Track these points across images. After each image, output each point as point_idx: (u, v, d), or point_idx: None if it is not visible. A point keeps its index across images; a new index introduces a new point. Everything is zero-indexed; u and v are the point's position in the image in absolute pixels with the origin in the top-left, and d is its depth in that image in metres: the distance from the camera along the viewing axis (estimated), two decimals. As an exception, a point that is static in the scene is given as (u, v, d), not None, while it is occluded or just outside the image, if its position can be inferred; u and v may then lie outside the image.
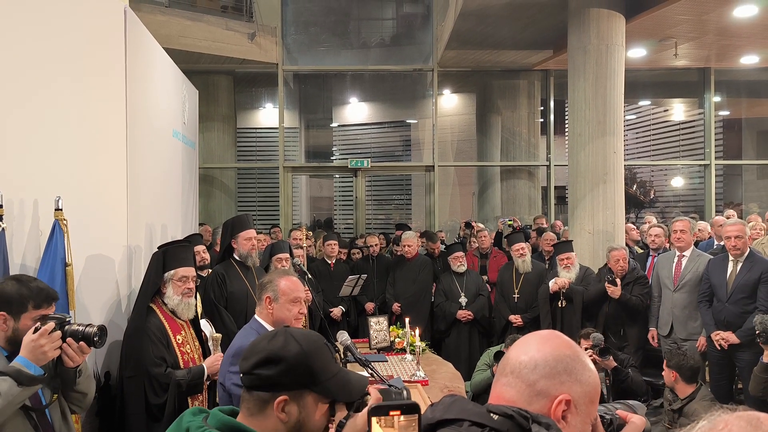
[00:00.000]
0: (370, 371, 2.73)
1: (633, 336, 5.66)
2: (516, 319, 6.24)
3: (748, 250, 5.03)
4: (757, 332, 4.30)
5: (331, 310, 6.48)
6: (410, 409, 1.04)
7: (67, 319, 2.40)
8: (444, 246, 7.81)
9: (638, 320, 5.67)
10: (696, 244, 6.15)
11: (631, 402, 1.52)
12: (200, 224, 7.68)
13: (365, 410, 1.37)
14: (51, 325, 2.30)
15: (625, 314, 5.64)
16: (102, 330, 2.39)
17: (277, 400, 1.41)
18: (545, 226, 8.58)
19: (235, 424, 1.41)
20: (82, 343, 2.36)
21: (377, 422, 1.02)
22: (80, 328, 2.36)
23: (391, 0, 11.97)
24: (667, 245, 6.49)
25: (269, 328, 2.69)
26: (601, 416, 1.39)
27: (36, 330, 2.28)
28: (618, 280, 5.61)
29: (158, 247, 3.67)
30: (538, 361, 1.23)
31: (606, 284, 5.59)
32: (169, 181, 5.11)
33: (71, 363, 2.37)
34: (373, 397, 1.49)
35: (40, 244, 3.25)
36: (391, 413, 1.03)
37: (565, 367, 1.22)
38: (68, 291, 3.24)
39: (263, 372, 1.43)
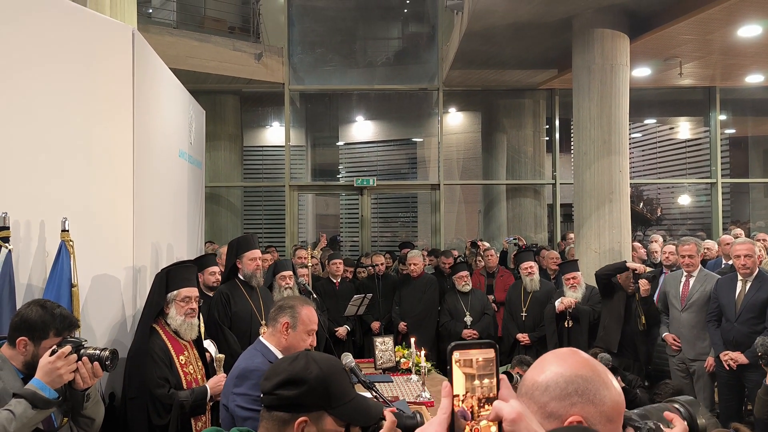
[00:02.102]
0: (375, 393, 2.72)
1: (643, 350, 5.61)
2: (523, 337, 6.21)
3: (758, 269, 4.99)
4: (758, 354, 4.25)
5: (336, 329, 6.46)
6: (488, 345, 1.02)
7: (83, 343, 2.42)
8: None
9: (643, 342, 5.62)
10: (703, 263, 6.11)
11: (682, 398, 1.43)
12: (209, 242, 7.69)
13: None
14: (68, 348, 2.33)
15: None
16: (114, 354, 2.42)
17: (298, 421, 1.45)
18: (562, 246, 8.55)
19: None
20: (96, 363, 2.37)
21: (456, 362, 1.01)
22: (96, 351, 2.39)
23: (396, 20, 12.08)
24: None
25: (276, 352, 2.68)
26: (636, 427, 1.35)
27: (53, 353, 2.30)
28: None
29: (157, 274, 3.66)
30: (549, 382, 1.22)
31: (640, 280, 5.46)
32: (176, 201, 5.13)
33: (82, 384, 2.38)
34: (389, 420, 1.50)
35: (47, 265, 3.26)
36: (471, 350, 1.01)
37: (576, 389, 1.20)
38: (74, 312, 3.24)
39: (284, 393, 1.47)
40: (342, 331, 6.49)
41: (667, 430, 1.41)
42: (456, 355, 0.99)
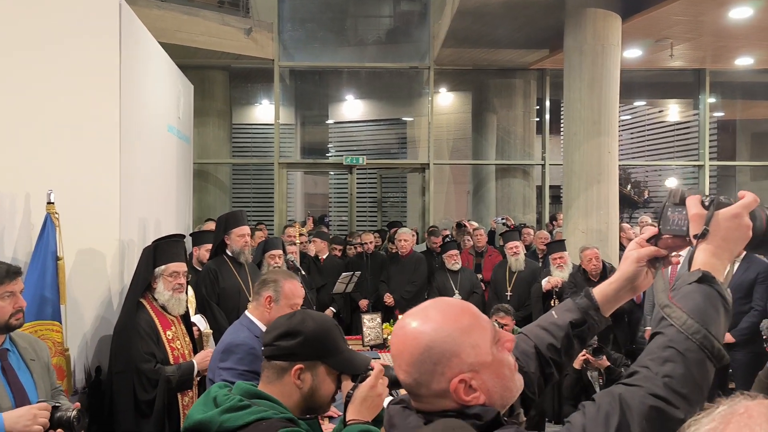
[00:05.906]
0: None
1: (620, 337, 5.64)
2: (509, 317, 6.25)
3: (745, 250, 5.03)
4: (764, 337, 4.31)
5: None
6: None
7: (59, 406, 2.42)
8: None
9: (621, 322, 5.64)
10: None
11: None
12: (209, 219, 7.58)
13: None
14: (47, 405, 2.35)
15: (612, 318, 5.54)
16: (80, 413, 2.40)
17: (294, 368, 1.62)
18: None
19: (257, 390, 1.60)
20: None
21: None
22: (65, 413, 2.37)
23: (388, -3, 11.95)
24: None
25: (261, 325, 2.67)
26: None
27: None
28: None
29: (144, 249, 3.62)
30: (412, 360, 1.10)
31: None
32: (163, 175, 5.09)
33: None
34: (376, 369, 1.66)
35: (32, 238, 3.23)
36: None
37: (442, 355, 1.08)
38: (59, 285, 3.22)
39: (283, 343, 1.64)
40: (328, 313, 6.49)
41: None
42: None
